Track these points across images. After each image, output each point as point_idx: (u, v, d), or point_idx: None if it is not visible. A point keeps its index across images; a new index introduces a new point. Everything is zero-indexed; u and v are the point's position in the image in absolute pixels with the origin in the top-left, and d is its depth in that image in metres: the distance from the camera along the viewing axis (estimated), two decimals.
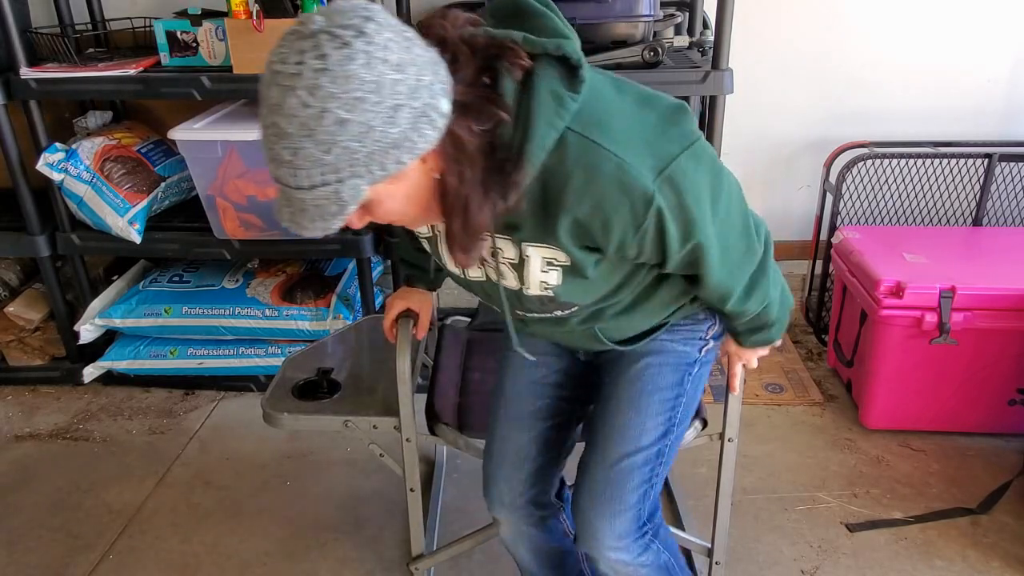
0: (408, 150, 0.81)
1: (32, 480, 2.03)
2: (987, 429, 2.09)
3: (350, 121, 0.76)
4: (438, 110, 0.81)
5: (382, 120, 0.77)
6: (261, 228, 2.15)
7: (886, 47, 2.37)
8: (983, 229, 2.42)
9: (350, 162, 0.79)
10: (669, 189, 0.90)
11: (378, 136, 0.78)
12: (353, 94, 0.75)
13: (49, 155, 2.09)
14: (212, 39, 2.04)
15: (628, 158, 0.87)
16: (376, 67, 0.76)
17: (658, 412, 1.20)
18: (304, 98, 0.75)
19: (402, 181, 0.85)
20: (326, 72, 0.75)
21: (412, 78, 0.78)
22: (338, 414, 1.48)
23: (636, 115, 0.91)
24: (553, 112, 0.86)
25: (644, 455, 1.19)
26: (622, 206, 0.89)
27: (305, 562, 1.75)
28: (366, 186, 0.82)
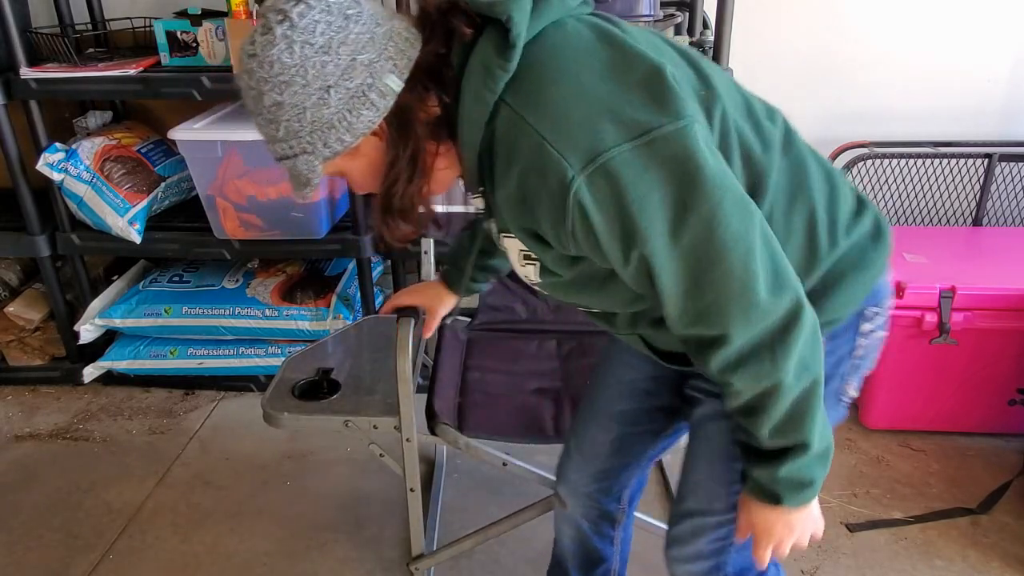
0: (347, 130, 0.81)
1: (32, 480, 2.03)
2: (987, 429, 2.09)
3: (283, 103, 0.80)
4: (379, 89, 0.80)
5: (313, 102, 0.79)
6: (261, 228, 2.15)
7: (886, 47, 2.36)
8: (983, 229, 2.42)
9: (297, 140, 0.82)
10: (603, 182, 0.75)
11: (312, 117, 0.80)
12: (279, 78, 0.78)
13: (49, 155, 2.09)
14: (212, 39, 2.04)
15: (551, 137, 0.76)
16: (298, 51, 0.77)
17: (732, 481, 1.01)
18: (246, 80, 0.81)
19: (358, 156, 0.86)
20: (254, 57, 0.79)
21: (345, 58, 0.78)
22: (338, 414, 1.48)
23: (590, 84, 0.77)
24: (480, 84, 0.79)
25: (716, 519, 1.06)
26: (541, 192, 0.78)
27: (305, 562, 1.75)
28: (318, 162, 0.84)
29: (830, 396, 0.95)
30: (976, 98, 2.40)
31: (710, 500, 1.06)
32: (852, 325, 0.96)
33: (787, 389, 0.83)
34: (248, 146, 2.03)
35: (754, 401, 0.86)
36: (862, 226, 0.94)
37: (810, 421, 0.86)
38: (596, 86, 0.77)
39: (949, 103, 2.42)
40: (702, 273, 0.78)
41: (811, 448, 0.87)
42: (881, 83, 2.43)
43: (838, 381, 0.98)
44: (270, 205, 2.10)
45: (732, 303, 0.79)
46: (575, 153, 0.75)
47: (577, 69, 0.79)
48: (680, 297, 0.81)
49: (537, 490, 1.52)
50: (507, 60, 0.78)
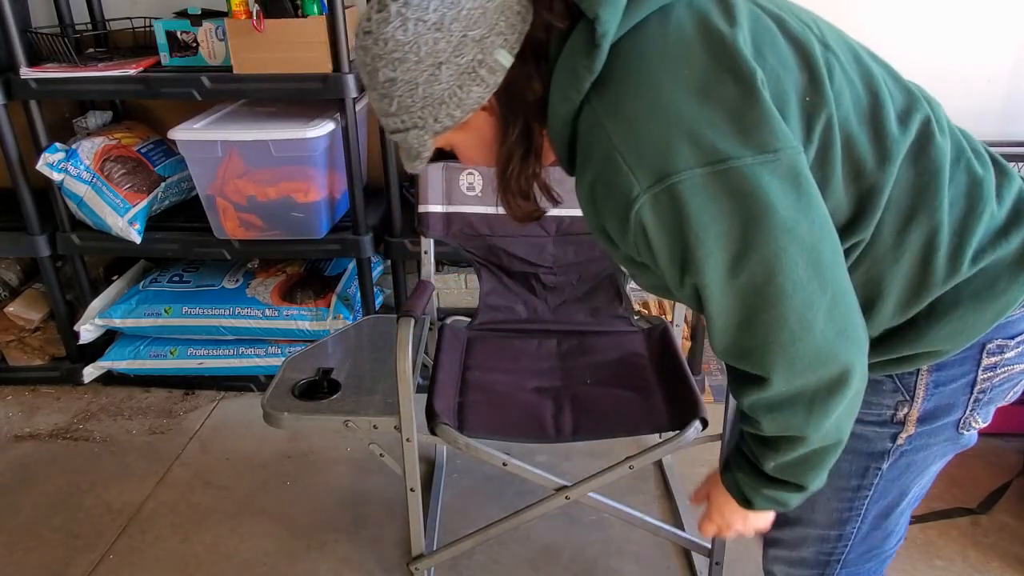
0: (457, 105, 0.81)
1: (32, 480, 2.03)
2: (987, 429, 2.08)
3: (396, 79, 0.80)
4: (489, 65, 0.80)
5: (425, 78, 0.80)
6: (261, 228, 2.15)
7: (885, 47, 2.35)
8: None
9: (408, 115, 0.83)
10: (667, 204, 0.72)
11: (423, 92, 0.80)
12: (393, 55, 0.79)
13: (49, 155, 2.09)
14: (212, 39, 2.04)
15: (624, 149, 0.74)
16: (412, 28, 0.78)
17: (832, 498, 0.97)
18: (361, 56, 0.82)
19: (468, 130, 0.86)
20: (370, 34, 0.80)
21: (456, 36, 0.78)
22: (338, 414, 1.48)
23: (675, 99, 0.73)
24: (566, 83, 0.78)
25: (818, 532, 1.02)
26: (609, 201, 0.77)
27: (305, 562, 1.75)
28: (428, 136, 0.85)
29: (948, 428, 0.91)
30: (976, 98, 2.40)
31: (810, 512, 1.02)
32: (970, 358, 0.87)
33: (809, 443, 0.82)
34: (248, 146, 2.03)
35: (772, 440, 0.84)
36: (1002, 250, 0.82)
37: (816, 472, 0.86)
38: (681, 102, 0.73)
39: (949, 103, 2.41)
40: (754, 314, 0.75)
41: (805, 490, 0.88)
42: None
43: (958, 412, 0.90)
44: (270, 205, 2.10)
45: (779, 351, 0.76)
46: (644, 170, 0.73)
47: (665, 80, 0.74)
48: (728, 331, 0.78)
49: (537, 490, 1.52)
50: (592, 61, 0.76)
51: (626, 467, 1.45)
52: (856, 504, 0.97)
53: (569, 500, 1.48)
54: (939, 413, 0.88)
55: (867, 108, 0.81)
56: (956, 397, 0.89)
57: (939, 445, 0.93)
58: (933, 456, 0.95)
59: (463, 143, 0.89)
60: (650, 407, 1.54)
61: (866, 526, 1.00)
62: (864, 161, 0.79)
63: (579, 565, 1.72)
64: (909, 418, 0.90)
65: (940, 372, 0.87)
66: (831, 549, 1.02)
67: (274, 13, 1.91)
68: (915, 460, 0.94)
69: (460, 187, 1.78)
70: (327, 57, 1.93)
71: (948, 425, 0.91)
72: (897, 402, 0.89)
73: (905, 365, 0.86)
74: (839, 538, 1.00)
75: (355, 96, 1.98)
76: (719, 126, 0.71)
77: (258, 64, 1.95)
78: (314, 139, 2.00)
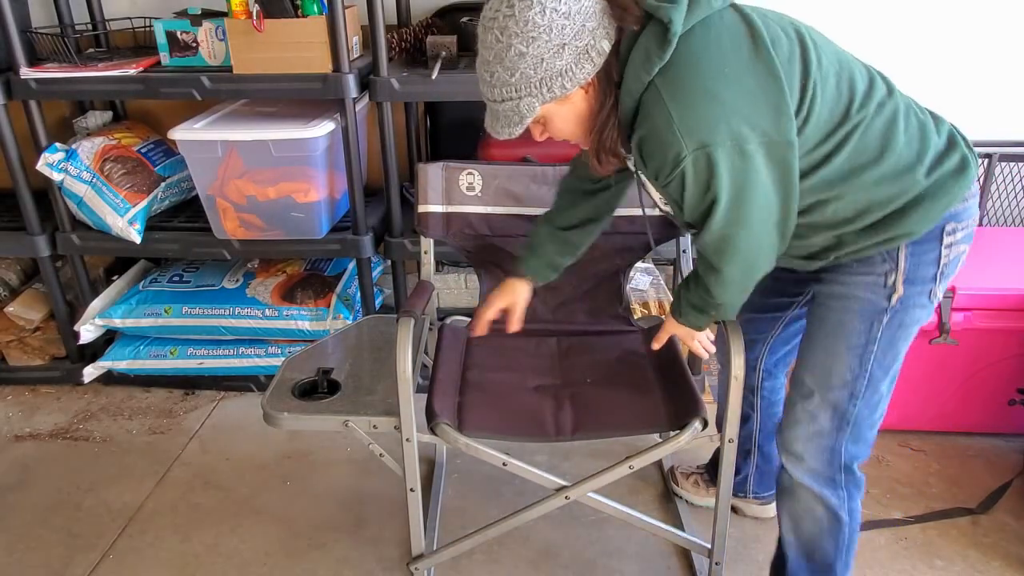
0: (571, 79, 1.08)
1: (32, 480, 2.03)
2: (987, 429, 2.09)
3: (527, 54, 1.06)
4: (598, 49, 1.07)
5: (551, 54, 1.06)
6: (261, 228, 2.15)
7: (885, 47, 2.36)
8: (983, 229, 2.42)
9: (527, 84, 1.08)
10: (703, 163, 1.05)
11: (547, 66, 1.06)
12: (530, 34, 1.04)
13: (49, 155, 2.09)
14: (212, 39, 2.04)
15: (678, 120, 1.04)
16: (548, 14, 1.04)
17: (846, 357, 1.26)
18: (497, 35, 1.06)
19: (567, 103, 1.12)
20: (512, 17, 1.05)
21: (578, 24, 1.05)
22: (338, 414, 1.48)
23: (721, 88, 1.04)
24: (640, 67, 1.06)
25: (836, 394, 1.29)
26: (656, 153, 1.08)
27: (305, 562, 1.75)
28: (538, 104, 1.11)
29: (922, 295, 1.23)
30: (976, 98, 2.40)
31: (826, 375, 1.29)
32: (935, 237, 1.19)
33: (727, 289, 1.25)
34: (248, 146, 2.03)
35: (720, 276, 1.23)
36: (946, 165, 1.18)
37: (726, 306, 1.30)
38: (724, 91, 1.04)
39: (949, 103, 2.41)
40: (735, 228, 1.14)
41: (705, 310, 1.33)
42: None
43: (929, 283, 1.22)
44: (270, 205, 2.10)
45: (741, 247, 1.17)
46: (692, 138, 1.04)
47: (715, 73, 1.05)
48: (718, 233, 1.15)
49: (537, 490, 1.52)
50: (664, 51, 1.04)
51: (626, 467, 1.45)
52: (864, 359, 1.25)
53: (569, 500, 1.48)
54: (917, 278, 1.21)
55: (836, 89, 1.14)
56: (928, 268, 1.21)
57: (918, 309, 1.24)
58: (914, 319, 1.25)
59: (558, 114, 1.14)
60: (650, 407, 1.53)
61: (872, 385, 1.27)
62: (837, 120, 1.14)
63: (579, 565, 1.72)
64: (898, 282, 1.21)
65: (915, 246, 1.20)
66: (844, 410, 1.29)
67: (274, 13, 1.91)
68: (905, 319, 1.24)
69: (460, 187, 1.78)
70: (327, 57, 1.93)
71: (924, 292, 1.23)
72: (887, 270, 1.22)
73: (890, 244, 1.20)
74: (851, 396, 1.28)
75: (355, 96, 1.98)
76: (747, 115, 1.04)
77: (258, 64, 1.95)
78: (314, 139, 2.00)
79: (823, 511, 1.36)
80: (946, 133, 1.22)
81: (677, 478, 1.89)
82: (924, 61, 2.38)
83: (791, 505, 1.41)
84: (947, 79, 2.39)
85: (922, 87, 2.40)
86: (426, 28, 2.19)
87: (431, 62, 1.97)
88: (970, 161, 1.20)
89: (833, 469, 1.33)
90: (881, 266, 1.22)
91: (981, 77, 2.38)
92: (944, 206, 1.17)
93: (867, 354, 1.25)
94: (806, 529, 1.40)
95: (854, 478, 1.35)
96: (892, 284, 1.22)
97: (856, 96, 1.15)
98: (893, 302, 1.22)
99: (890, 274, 1.21)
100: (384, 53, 1.93)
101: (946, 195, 1.17)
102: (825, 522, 1.36)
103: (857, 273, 1.24)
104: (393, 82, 1.94)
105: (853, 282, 1.24)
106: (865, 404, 1.28)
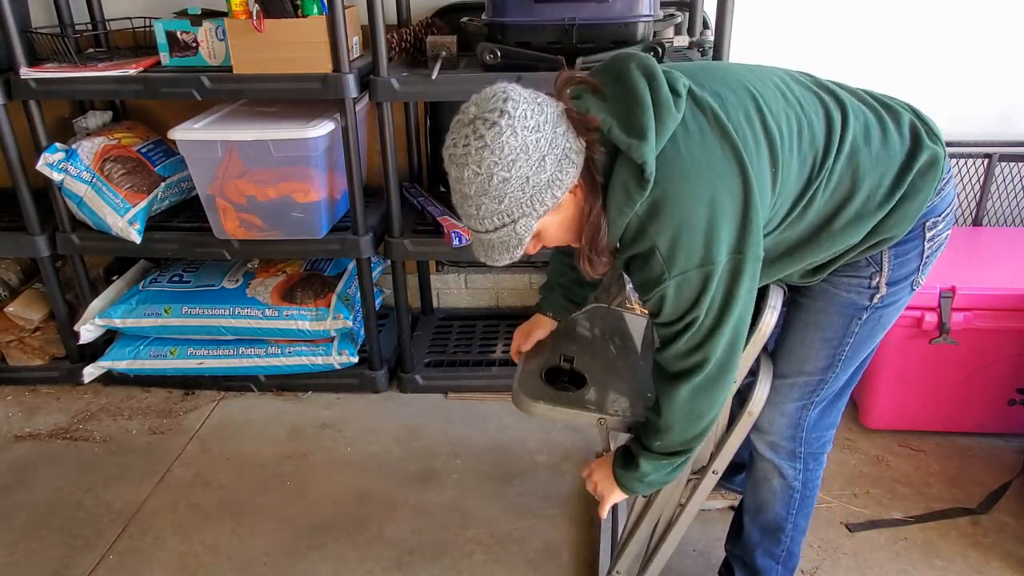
0: (559, 186, 1.05)
1: (32, 480, 2.03)
2: (987, 429, 2.09)
3: (511, 178, 1.02)
4: (575, 150, 1.05)
5: (534, 170, 1.02)
6: (261, 228, 2.15)
7: (885, 47, 2.36)
8: (983, 229, 2.42)
9: (519, 206, 1.04)
10: (684, 285, 1.08)
11: (534, 183, 1.03)
12: (508, 158, 1.00)
13: (49, 155, 2.09)
14: (212, 39, 2.04)
15: (663, 249, 1.06)
16: (520, 134, 1.00)
17: (821, 348, 1.31)
18: (475, 169, 1.02)
19: (560, 211, 1.09)
20: (486, 147, 1.00)
21: (549, 132, 1.03)
22: (590, 410, 1.38)
23: (698, 215, 1.05)
24: (623, 203, 1.06)
25: (806, 379, 1.34)
26: (642, 273, 1.10)
27: (305, 562, 1.75)
28: (535, 222, 1.07)
29: (904, 288, 1.27)
30: (976, 98, 2.40)
31: (801, 363, 1.33)
32: (917, 236, 1.22)
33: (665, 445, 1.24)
34: (248, 146, 2.03)
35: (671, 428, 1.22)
36: (915, 168, 1.18)
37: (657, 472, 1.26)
38: (701, 216, 1.05)
39: (949, 103, 2.42)
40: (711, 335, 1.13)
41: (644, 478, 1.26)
42: (881, 83, 2.42)
43: (912, 276, 1.26)
44: (270, 205, 2.10)
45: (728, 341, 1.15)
46: (673, 265, 1.06)
47: (691, 201, 1.05)
48: (687, 347, 1.14)
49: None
50: (644, 190, 1.04)
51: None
52: (839, 352, 1.30)
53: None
54: (900, 277, 1.25)
55: (800, 155, 1.15)
56: (912, 264, 1.25)
57: (901, 301, 1.28)
58: (895, 311, 1.29)
59: (553, 224, 1.11)
60: None
61: (842, 371, 1.32)
62: (805, 178, 1.16)
63: (579, 565, 1.72)
64: (881, 284, 1.25)
65: (897, 248, 1.23)
66: (811, 392, 1.34)
67: (274, 13, 1.91)
68: (884, 315, 1.28)
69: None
70: (327, 57, 1.93)
71: (906, 285, 1.26)
72: (871, 273, 1.24)
73: (874, 249, 1.22)
74: (820, 382, 1.33)
75: (355, 96, 1.98)
76: (723, 235, 1.06)
77: (258, 64, 1.95)
78: (314, 139, 2.00)
79: (778, 480, 1.43)
80: (908, 128, 1.21)
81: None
82: (924, 61, 2.38)
83: (751, 471, 1.49)
84: (947, 79, 2.39)
85: (922, 87, 2.41)
86: (426, 28, 2.19)
87: (431, 62, 1.97)
88: (938, 154, 1.20)
89: (795, 444, 1.39)
90: (865, 269, 1.25)
91: (981, 77, 2.38)
92: (920, 205, 1.19)
93: (842, 347, 1.29)
94: (760, 494, 1.47)
95: (813, 452, 1.41)
96: (876, 285, 1.25)
97: (818, 153, 1.15)
98: (875, 301, 1.26)
99: (874, 276, 1.25)
100: (384, 53, 1.93)
101: (920, 194, 1.19)
102: (778, 489, 1.44)
103: (842, 275, 1.26)
104: (393, 82, 1.94)
105: (837, 282, 1.27)
106: (833, 386, 1.34)
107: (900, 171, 1.18)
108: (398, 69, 2.02)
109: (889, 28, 2.35)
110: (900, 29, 2.35)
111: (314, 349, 2.28)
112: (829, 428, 1.41)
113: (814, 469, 1.43)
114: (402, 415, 2.26)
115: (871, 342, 1.32)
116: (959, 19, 2.33)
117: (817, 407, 1.36)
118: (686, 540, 1.75)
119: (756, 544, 1.51)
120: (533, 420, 2.19)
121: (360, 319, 2.33)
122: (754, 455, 1.46)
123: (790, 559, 1.51)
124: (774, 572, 1.52)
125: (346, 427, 2.22)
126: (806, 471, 1.42)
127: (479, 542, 1.79)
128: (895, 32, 2.35)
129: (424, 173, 2.55)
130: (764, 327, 1.30)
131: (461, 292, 2.74)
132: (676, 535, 1.48)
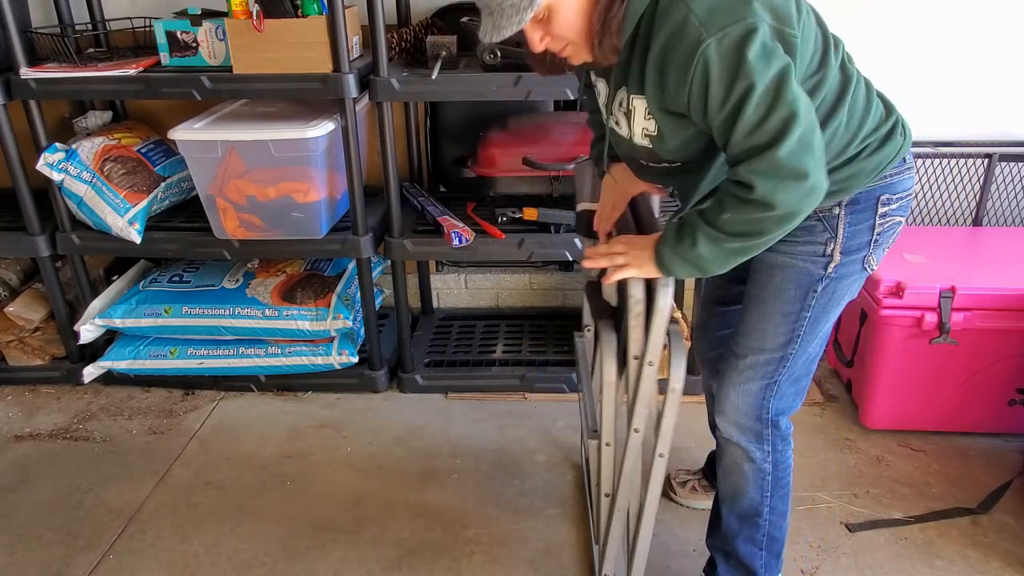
0: None
1: (32, 480, 2.03)
2: (987, 429, 2.09)
3: None
4: None
5: None
6: (261, 228, 2.15)
7: (885, 46, 2.36)
8: (983, 229, 2.42)
9: None
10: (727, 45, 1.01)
11: None
12: None
13: (49, 155, 2.09)
14: (212, 39, 2.04)
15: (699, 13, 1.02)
16: None
17: (780, 323, 1.33)
18: None
19: None
20: None
21: None
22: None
23: None
24: None
25: (767, 356, 1.36)
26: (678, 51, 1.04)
27: (305, 562, 1.75)
28: None
29: (857, 262, 1.30)
30: (976, 98, 2.40)
31: (762, 340, 1.35)
32: (871, 207, 1.26)
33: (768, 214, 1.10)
34: (248, 146, 2.03)
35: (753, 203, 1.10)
36: (879, 132, 1.24)
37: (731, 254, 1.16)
38: None
39: (949, 103, 2.42)
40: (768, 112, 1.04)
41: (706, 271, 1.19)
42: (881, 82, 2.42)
43: (863, 250, 1.29)
44: (270, 205, 2.10)
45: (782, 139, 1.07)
46: (712, 23, 1.01)
47: None
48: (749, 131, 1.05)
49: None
50: None
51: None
52: (798, 326, 1.32)
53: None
54: (853, 248, 1.28)
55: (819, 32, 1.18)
56: (863, 237, 1.28)
57: (853, 276, 1.31)
58: (848, 287, 1.32)
59: (563, 5, 1.09)
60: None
61: (802, 348, 1.35)
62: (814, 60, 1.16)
63: (579, 565, 1.72)
64: (835, 251, 1.27)
65: (852, 215, 1.26)
66: (773, 370, 1.36)
67: (274, 13, 1.91)
68: (838, 288, 1.31)
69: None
70: (327, 57, 1.93)
71: (858, 260, 1.30)
72: (826, 239, 1.27)
73: (827, 200, 1.21)
74: (781, 359, 1.36)
75: (355, 96, 1.98)
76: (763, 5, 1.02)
77: (258, 64, 1.95)
78: (314, 139, 2.00)
79: (748, 464, 1.44)
80: (893, 116, 1.28)
81: (675, 488, 1.88)
82: (924, 61, 2.38)
83: (721, 459, 1.50)
84: (947, 79, 2.39)
85: (922, 87, 2.41)
86: (426, 28, 2.19)
87: (431, 62, 1.97)
88: (897, 129, 1.25)
89: (760, 424, 1.41)
90: (821, 235, 1.27)
91: (981, 77, 2.38)
92: (876, 165, 1.23)
93: (800, 320, 1.32)
94: (732, 481, 1.48)
95: (780, 433, 1.43)
96: (830, 253, 1.28)
97: (828, 47, 1.18)
98: (829, 270, 1.28)
99: (829, 243, 1.27)
100: (384, 53, 1.93)
101: (877, 154, 1.23)
102: (749, 474, 1.45)
103: (798, 243, 1.28)
104: (393, 82, 1.94)
105: (792, 251, 1.29)
106: (793, 365, 1.36)
107: (870, 130, 1.23)
108: (398, 69, 2.02)
109: (889, 28, 2.35)
110: (900, 29, 2.35)
111: (314, 349, 2.28)
112: (790, 409, 1.43)
113: (783, 450, 1.45)
114: (402, 415, 2.27)
115: (826, 317, 1.34)
116: (959, 19, 2.33)
117: (779, 387, 1.38)
118: (686, 540, 1.76)
119: (736, 533, 1.51)
120: (533, 420, 2.20)
121: (360, 319, 2.33)
122: (722, 443, 1.48)
123: (773, 543, 1.51)
124: (758, 558, 1.51)
125: (346, 427, 2.22)
126: (775, 452, 1.44)
127: (479, 542, 1.79)
128: (895, 32, 2.35)
129: (424, 173, 2.55)
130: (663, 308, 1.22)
131: (461, 292, 2.74)
132: (647, 526, 1.45)
